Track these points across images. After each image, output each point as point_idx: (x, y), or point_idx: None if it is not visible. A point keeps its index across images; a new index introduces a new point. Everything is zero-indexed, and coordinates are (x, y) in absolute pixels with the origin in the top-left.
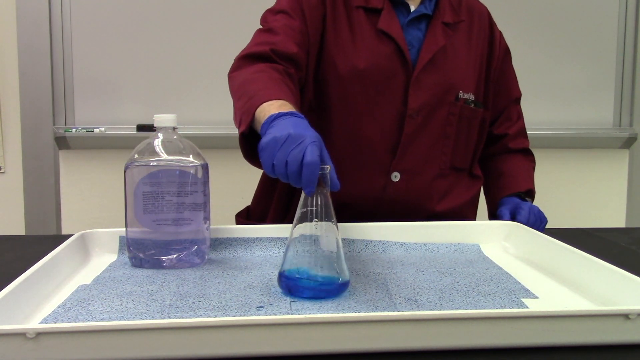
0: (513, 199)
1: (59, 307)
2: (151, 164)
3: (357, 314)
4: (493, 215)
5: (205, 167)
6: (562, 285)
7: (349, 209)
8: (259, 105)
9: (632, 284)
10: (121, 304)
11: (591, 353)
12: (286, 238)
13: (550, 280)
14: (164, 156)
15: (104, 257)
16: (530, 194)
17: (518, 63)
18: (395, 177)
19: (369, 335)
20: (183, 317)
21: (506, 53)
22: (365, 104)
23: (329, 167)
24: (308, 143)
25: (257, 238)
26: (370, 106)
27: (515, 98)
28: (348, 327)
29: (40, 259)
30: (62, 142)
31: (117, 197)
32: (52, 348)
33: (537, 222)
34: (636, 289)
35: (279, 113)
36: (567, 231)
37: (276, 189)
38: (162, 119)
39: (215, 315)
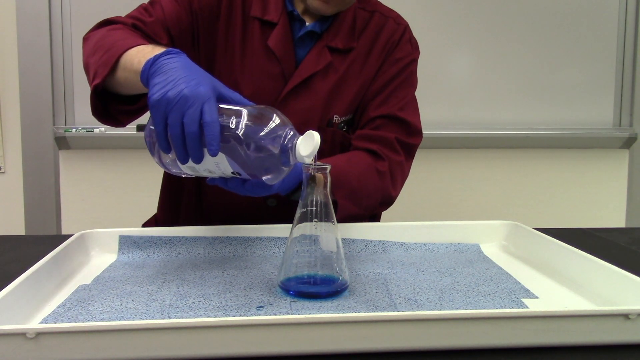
0: None
1: (59, 307)
2: None
3: (357, 314)
4: None
5: None
6: (562, 285)
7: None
8: (121, 54)
9: (632, 284)
10: (121, 304)
11: (591, 353)
12: (286, 238)
13: (550, 280)
14: None
15: (104, 257)
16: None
17: (518, 63)
18: (272, 202)
19: (369, 335)
20: (183, 317)
21: (400, 72)
22: None
23: (329, 167)
24: (205, 100)
25: (257, 238)
26: None
27: (387, 114)
28: (348, 327)
29: (40, 259)
30: (62, 142)
31: (117, 197)
32: (52, 348)
33: None
34: (636, 289)
35: (157, 55)
36: (567, 231)
37: (183, 191)
38: None
39: (215, 315)
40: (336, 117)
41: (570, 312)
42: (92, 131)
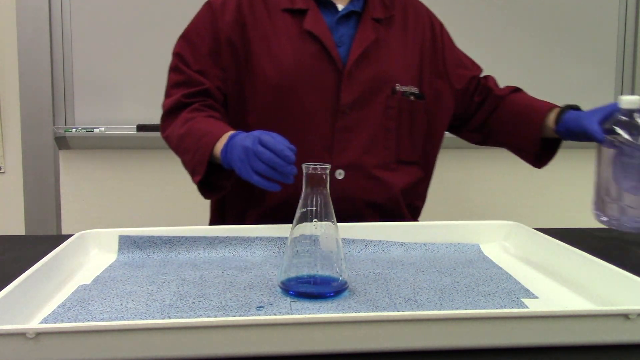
0: (570, 113)
1: (59, 307)
2: None
3: (357, 314)
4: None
5: None
6: (562, 285)
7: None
8: (210, 153)
9: (632, 284)
10: (121, 304)
11: (591, 353)
12: (286, 238)
13: (550, 280)
14: None
15: (104, 257)
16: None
17: (518, 63)
18: (340, 174)
19: (369, 335)
20: (183, 317)
21: (449, 39)
22: (295, 103)
23: (329, 166)
24: (257, 137)
25: (257, 238)
26: (300, 105)
27: (479, 72)
28: (348, 327)
29: (40, 259)
30: (62, 142)
31: (117, 197)
32: (52, 348)
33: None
34: (636, 289)
35: (221, 152)
36: (567, 231)
37: (226, 208)
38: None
39: (215, 315)
40: (398, 86)
41: (570, 312)
42: (92, 131)
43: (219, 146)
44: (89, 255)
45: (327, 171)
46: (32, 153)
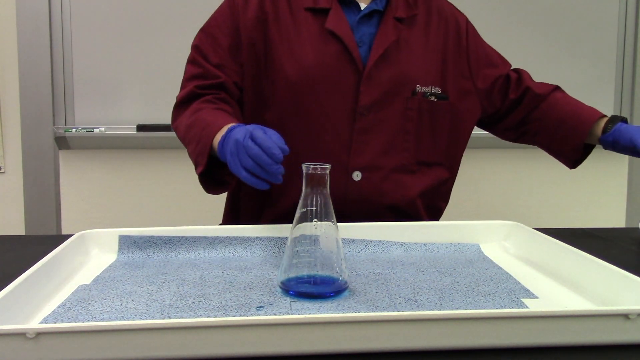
0: (620, 125)
1: (59, 307)
2: None
3: (357, 314)
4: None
5: None
6: (562, 285)
7: None
8: (210, 144)
9: (632, 284)
10: (121, 304)
11: (591, 353)
12: (286, 238)
13: (550, 280)
14: None
15: (104, 257)
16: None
17: (518, 62)
18: (357, 176)
19: (369, 335)
20: (183, 317)
21: (474, 36)
22: (314, 102)
23: (329, 166)
24: (249, 132)
25: (257, 238)
26: (319, 105)
27: (508, 70)
28: (348, 327)
29: (40, 259)
30: (62, 142)
31: (117, 197)
32: (52, 348)
33: None
34: (636, 289)
35: (218, 144)
36: (567, 231)
37: (240, 208)
38: None
39: (215, 315)
40: (418, 87)
41: (570, 312)
42: (92, 131)
43: (218, 138)
44: (89, 255)
45: (327, 171)
46: (32, 153)
